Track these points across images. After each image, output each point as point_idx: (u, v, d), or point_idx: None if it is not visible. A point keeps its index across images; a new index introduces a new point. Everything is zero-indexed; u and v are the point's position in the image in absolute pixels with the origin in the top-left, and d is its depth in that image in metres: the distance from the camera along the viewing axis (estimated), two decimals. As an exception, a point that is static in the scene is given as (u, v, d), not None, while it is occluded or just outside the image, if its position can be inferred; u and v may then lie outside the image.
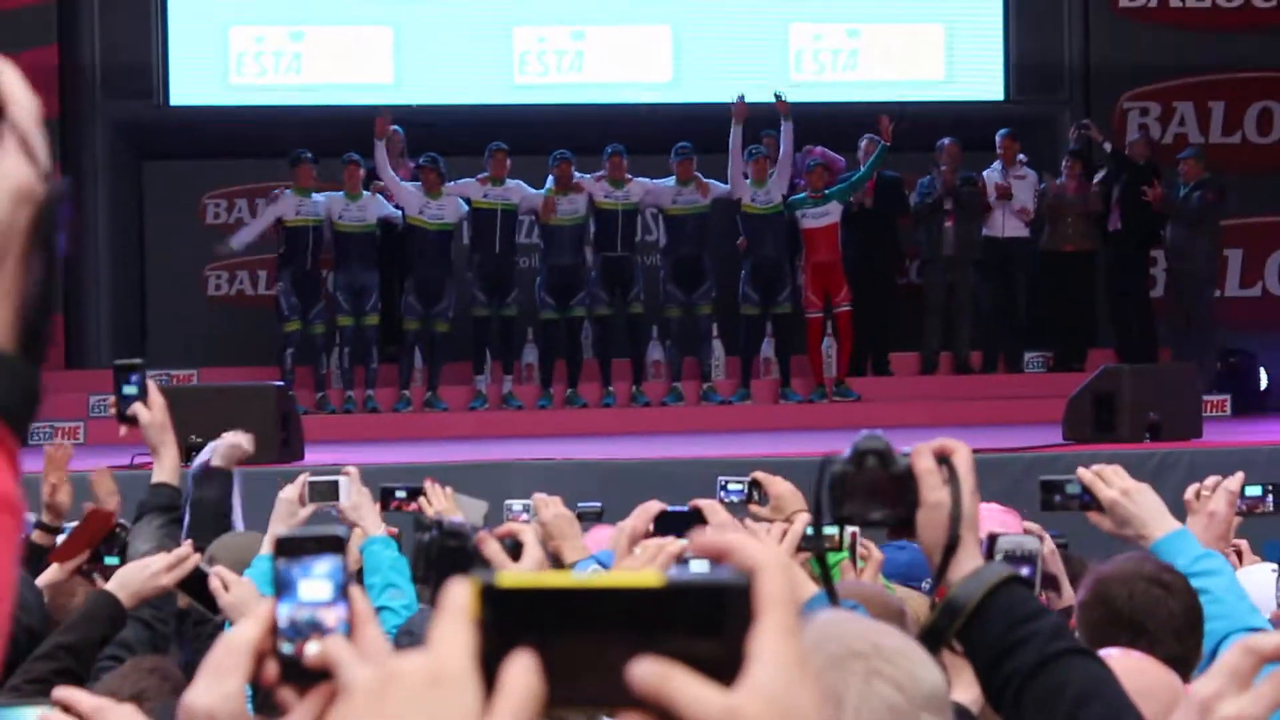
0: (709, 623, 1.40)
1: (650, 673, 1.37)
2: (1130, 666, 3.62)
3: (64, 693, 2.63)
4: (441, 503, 6.38)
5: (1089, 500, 4.47)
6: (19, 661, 4.55)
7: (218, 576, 4.46)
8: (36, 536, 6.29)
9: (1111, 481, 4.45)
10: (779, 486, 5.56)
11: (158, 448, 5.49)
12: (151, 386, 5.56)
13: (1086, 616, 4.39)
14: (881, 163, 16.97)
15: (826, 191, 16.92)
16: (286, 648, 1.94)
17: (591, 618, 1.41)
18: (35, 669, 4.48)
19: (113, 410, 5.58)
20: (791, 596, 1.42)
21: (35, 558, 5.95)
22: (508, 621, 1.42)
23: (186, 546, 5.04)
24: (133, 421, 5.50)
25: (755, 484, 5.70)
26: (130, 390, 5.51)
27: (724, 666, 1.40)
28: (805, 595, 3.70)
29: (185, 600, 5.06)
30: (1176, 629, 4.23)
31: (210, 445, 6.25)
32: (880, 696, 2.35)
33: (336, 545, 1.98)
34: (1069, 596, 5.06)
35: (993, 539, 3.67)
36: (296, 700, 1.91)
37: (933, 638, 2.69)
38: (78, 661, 4.52)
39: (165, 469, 5.47)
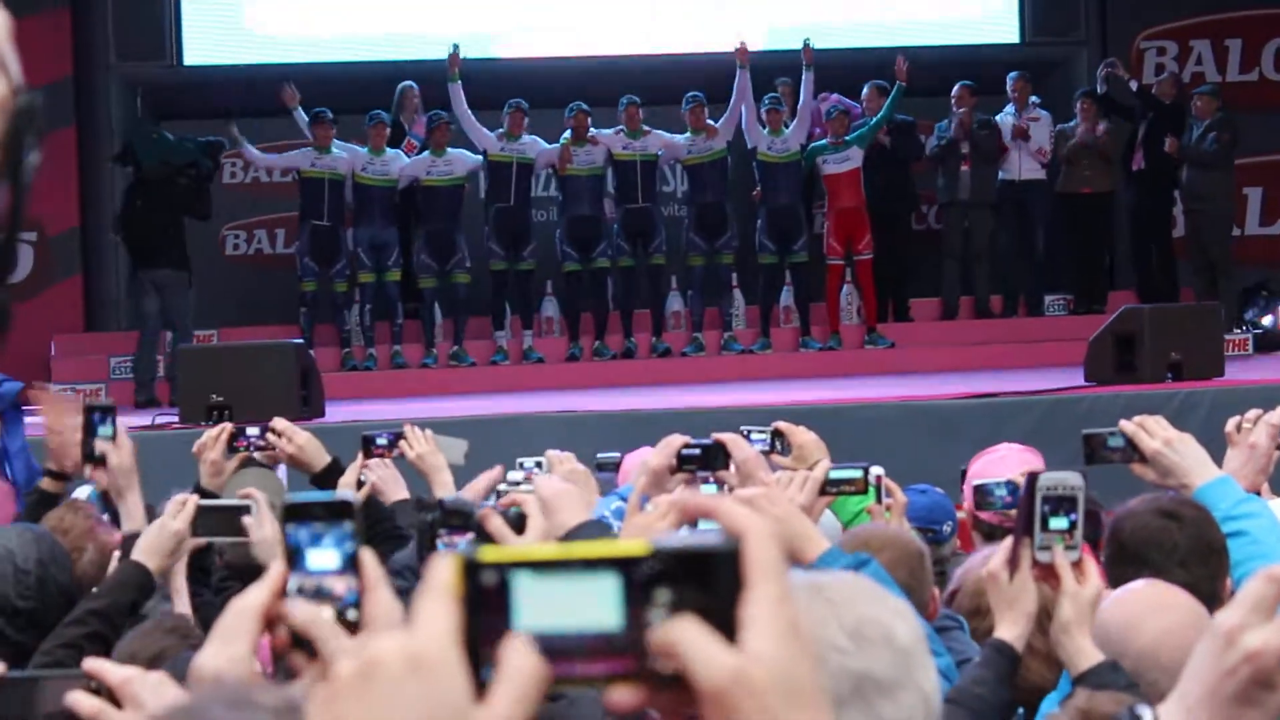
0: (699, 587, 1.39)
1: (665, 628, 1.36)
2: (1153, 602, 3.61)
3: (93, 664, 2.63)
4: (421, 445, 6.34)
5: (1132, 452, 4.46)
6: (54, 622, 4.60)
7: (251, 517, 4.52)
8: (45, 484, 6.26)
9: (1154, 432, 4.44)
10: (802, 436, 5.54)
11: (123, 491, 5.46)
12: (122, 429, 5.56)
13: (1106, 554, 4.39)
14: (898, 104, 16.93)
15: (847, 138, 16.88)
16: None
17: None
18: (67, 634, 4.55)
19: (79, 450, 5.59)
20: (781, 562, 1.40)
21: (46, 505, 5.94)
22: (493, 597, 1.39)
23: (184, 494, 5.05)
24: (100, 461, 5.50)
25: (778, 434, 5.68)
26: (105, 431, 5.52)
27: (717, 629, 1.38)
28: (817, 551, 3.69)
29: (195, 543, 5.03)
30: (1181, 559, 4.20)
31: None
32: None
33: (345, 511, 1.97)
34: None
35: (1033, 478, 3.54)
36: (307, 665, 1.91)
37: None
38: (109, 627, 4.56)
39: (133, 516, 5.38)
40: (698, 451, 4.55)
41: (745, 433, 5.94)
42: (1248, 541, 4.23)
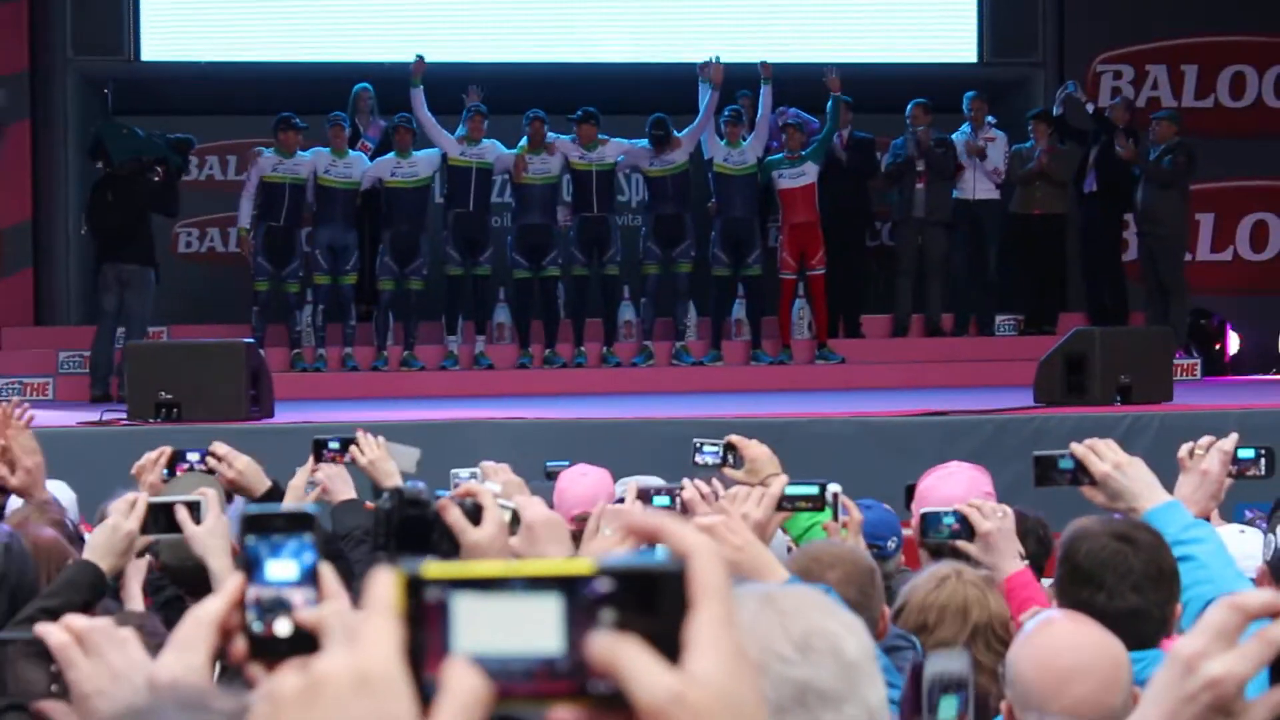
0: (644, 607, 1.38)
1: (605, 643, 1.35)
2: (1068, 641, 3.59)
3: (45, 627, 2.64)
4: (373, 451, 6.32)
5: (1082, 475, 4.49)
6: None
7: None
8: None
9: (1104, 455, 4.47)
10: (754, 450, 5.55)
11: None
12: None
13: (1058, 574, 4.41)
14: (840, 115, 16.93)
15: (803, 152, 16.90)
16: (256, 625, 1.93)
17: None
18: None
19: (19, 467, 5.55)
20: (726, 583, 1.40)
21: None
22: (434, 614, 1.38)
23: (134, 493, 5.01)
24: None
25: (730, 447, 5.69)
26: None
27: (661, 649, 1.38)
28: (778, 581, 3.68)
29: (145, 541, 4.98)
30: (1135, 583, 4.22)
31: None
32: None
33: (306, 523, 1.96)
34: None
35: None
36: (265, 676, 1.90)
37: None
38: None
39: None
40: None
41: (697, 445, 5.95)
42: (1195, 566, 4.26)
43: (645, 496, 5.53)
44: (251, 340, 14.03)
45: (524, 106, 16.79)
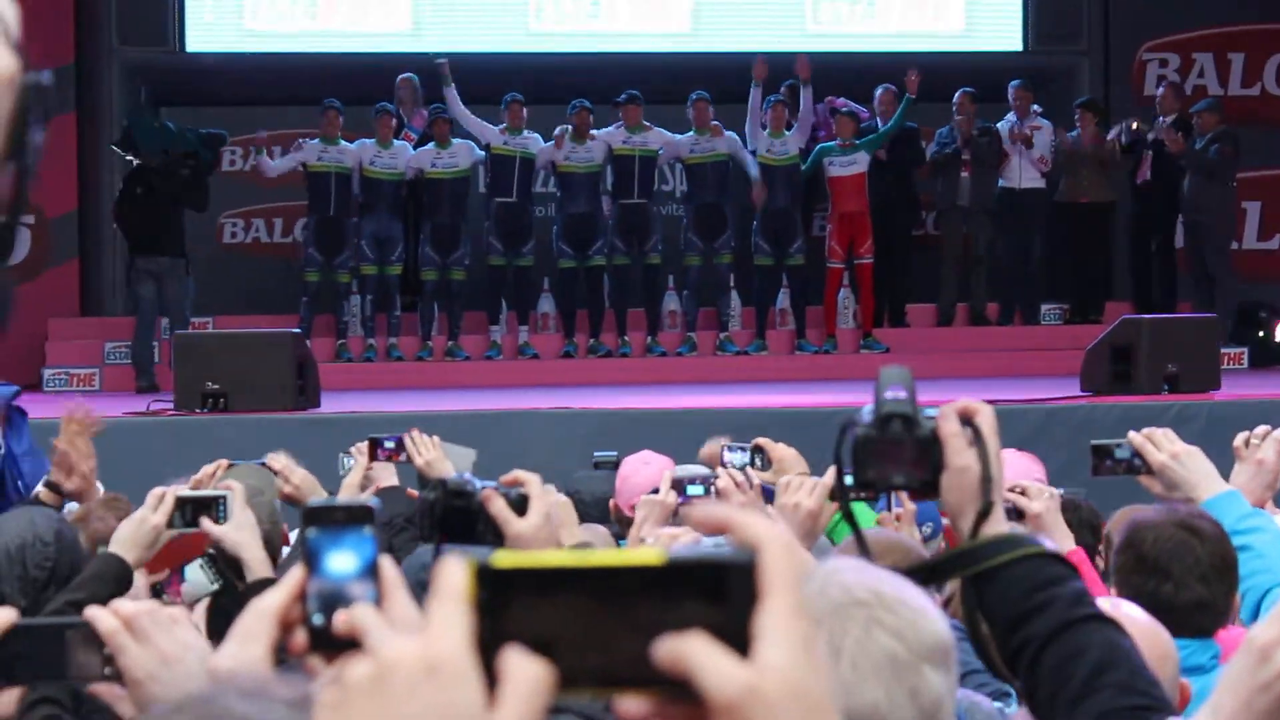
0: (713, 598, 1.38)
1: (672, 644, 1.35)
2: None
3: (95, 611, 2.66)
4: (429, 451, 6.35)
5: (1139, 464, 4.47)
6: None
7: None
8: (43, 494, 6.22)
9: (1161, 445, 4.45)
10: (781, 451, 5.57)
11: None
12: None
13: (1118, 562, 4.39)
14: (907, 115, 16.95)
15: (856, 141, 16.89)
16: (317, 618, 1.93)
17: (593, 595, 1.38)
18: None
19: (84, 472, 5.56)
20: (796, 574, 1.39)
21: None
22: (506, 602, 1.38)
23: (161, 488, 5.03)
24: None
25: (758, 449, 5.69)
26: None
27: (730, 641, 1.37)
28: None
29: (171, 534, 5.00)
30: (1202, 574, 4.22)
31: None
32: (880, 646, 2.33)
33: (366, 516, 1.96)
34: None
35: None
36: (325, 668, 1.90)
37: (929, 575, 2.68)
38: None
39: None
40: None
41: (725, 447, 5.97)
42: (1253, 556, 4.25)
43: (679, 486, 5.53)
44: (298, 330, 14.06)
45: (562, 97, 16.80)
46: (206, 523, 4.76)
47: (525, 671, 1.34)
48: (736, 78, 16.68)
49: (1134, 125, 17.60)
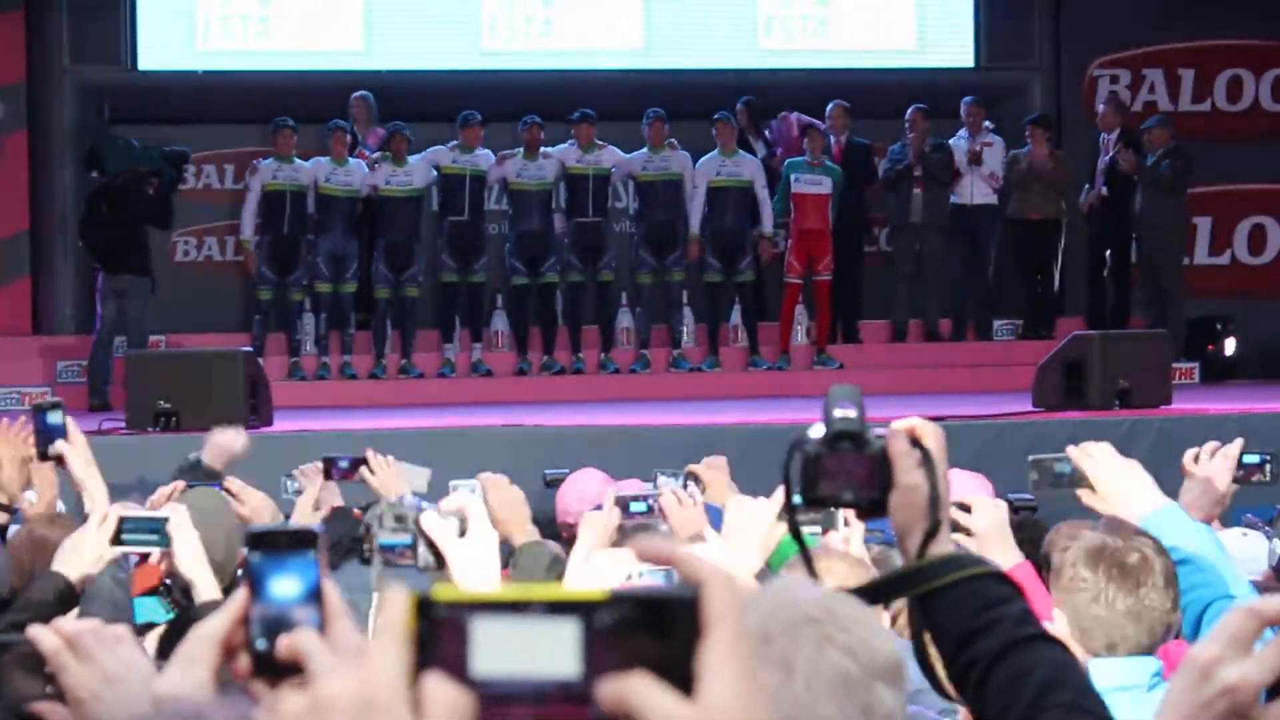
0: (657, 633, 1.38)
1: (615, 685, 1.35)
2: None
3: (38, 630, 2.65)
4: (384, 471, 6.34)
5: (1080, 478, 4.47)
6: None
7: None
8: None
9: (1099, 459, 4.45)
10: (714, 478, 5.59)
11: (84, 482, 5.44)
12: (71, 423, 5.53)
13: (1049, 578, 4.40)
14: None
15: (828, 162, 16.92)
16: (260, 643, 1.92)
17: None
18: None
19: (33, 449, 5.57)
20: (739, 609, 1.40)
21: None
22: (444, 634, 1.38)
23: (108, 507, 5.02)
24: (57, 459, 5.47)
25: (691, 476, 5.72)
26: (55, 419, 5.48)
27: (673, 676, 1.38)
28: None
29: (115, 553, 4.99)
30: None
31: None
32: (832, 664, 2.33)
33: (310, 541, 1.96)
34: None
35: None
36: (268, 693, 1.90)
37: (876, 594, 2.68)
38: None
39: (97, 503, 5.32)
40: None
41: (656, 476, 6.00)
42: (1192, 570, 4.25)
43: (623, 504, 5.54)
44: (250, 349, 14.02)
45: (514, 115, 16.79)
46: (152, 551, 4.76)
47: (443, 698, 1.34)
48: (689, 95, 16.70)
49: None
